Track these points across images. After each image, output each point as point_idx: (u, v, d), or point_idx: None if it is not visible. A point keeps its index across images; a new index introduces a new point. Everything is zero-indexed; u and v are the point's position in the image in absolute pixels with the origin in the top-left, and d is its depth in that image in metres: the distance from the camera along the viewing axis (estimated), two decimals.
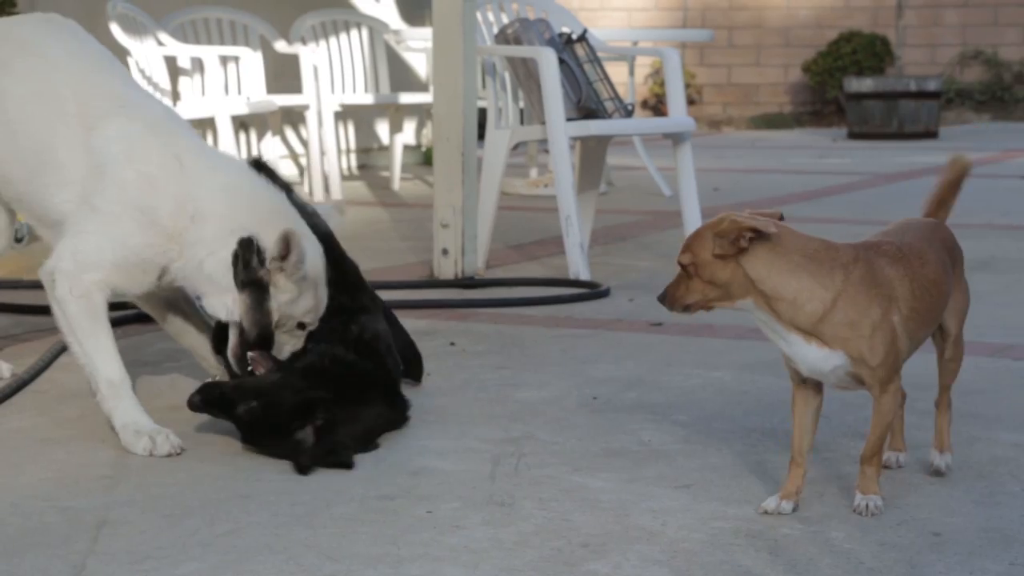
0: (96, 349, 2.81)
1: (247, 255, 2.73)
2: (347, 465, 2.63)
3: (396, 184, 8.19)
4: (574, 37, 5.22)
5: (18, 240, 5.64)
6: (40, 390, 3.26)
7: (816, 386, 2.43)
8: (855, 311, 2.30)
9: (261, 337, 2.78)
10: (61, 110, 2.86)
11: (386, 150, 9.01)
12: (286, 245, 2.69)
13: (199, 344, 3.14)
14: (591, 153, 5.34)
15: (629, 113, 5.23)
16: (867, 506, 2.36)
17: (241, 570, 2.12)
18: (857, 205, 7.35)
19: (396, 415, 2.92)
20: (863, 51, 13.93)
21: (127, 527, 2.32)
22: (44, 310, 4.13)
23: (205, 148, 2.91)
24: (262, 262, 2.72)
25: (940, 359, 2.60)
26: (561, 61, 4.98)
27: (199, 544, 2.24)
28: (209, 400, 2.74)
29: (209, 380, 2.82)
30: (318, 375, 2.78)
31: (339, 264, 3.02)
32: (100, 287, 2.81)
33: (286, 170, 8.68)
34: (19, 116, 2.89)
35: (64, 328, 2.85)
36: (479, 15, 5.16)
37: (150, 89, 2.87)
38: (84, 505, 2.43)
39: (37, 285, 4.58)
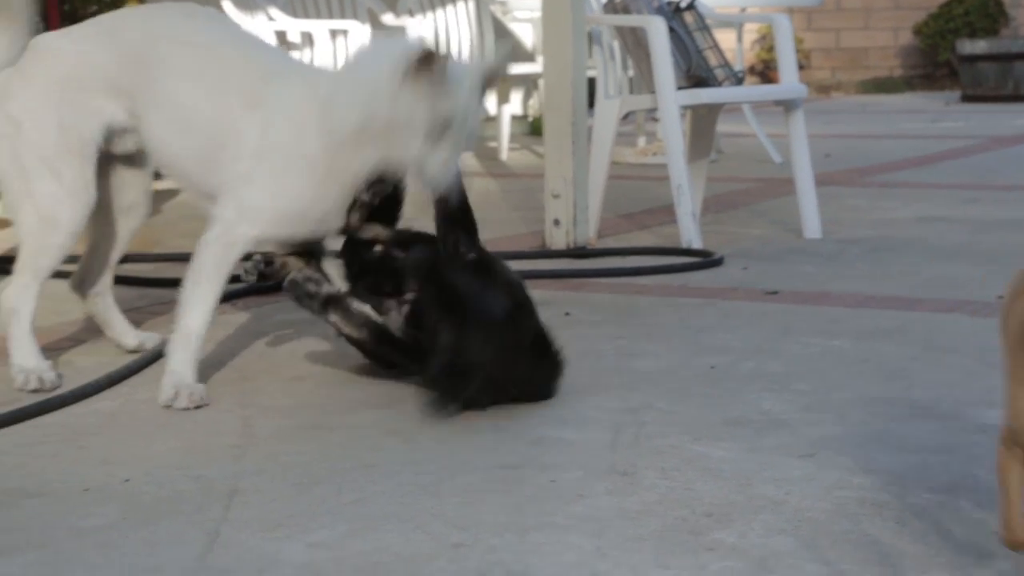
0: (198, 296, 2.95)
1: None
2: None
3: (504, 154, 8.21)
4: (682, 5, 5.19)
5: None
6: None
7: None
8: None
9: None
10: (226, 99, 2.97)
11: (493, 121, 9.03)
12: None
13: None
14: (701, 121, 5.31)
15: (740, 81, 5.19)
16: None
17: (370, 538, 2.16)
18: (974, 170, 7.23)
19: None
20: (975, 12, 13.67)
21: (257, 495, 2.36)
22: (166, 283, 4.23)
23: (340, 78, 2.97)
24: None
25: None
26: (670, 29, 4.95)
27: (328, 512, 2.28)
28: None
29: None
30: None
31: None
32: (247, 242, 2.96)
33: None
34: (189, 114, 3.01)
35: (190, 266, 2.98)
36: None
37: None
38: (215, 474, 2.48)
39: (161, 258, 4.71)
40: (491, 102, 9.42)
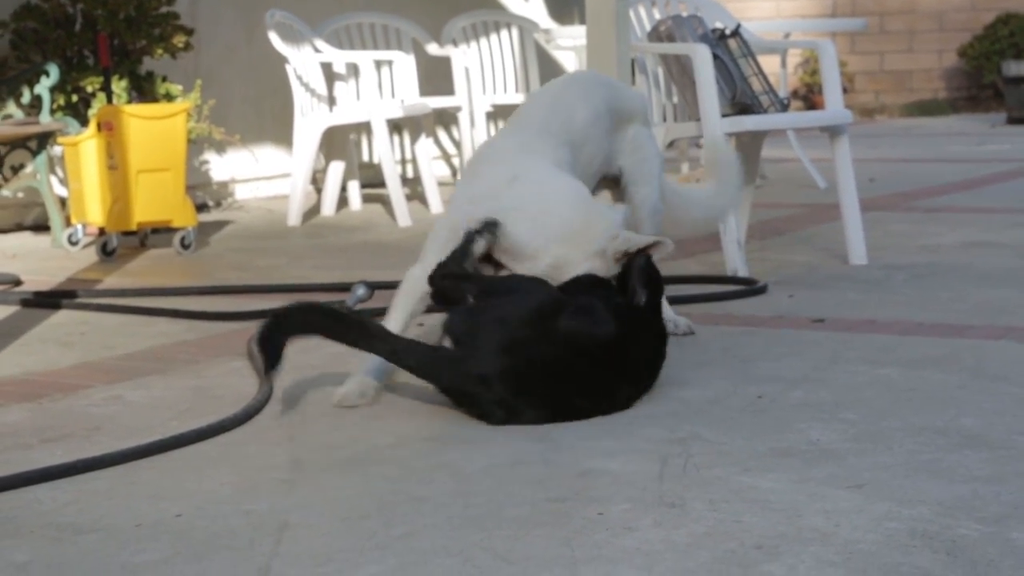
0: None
1: None
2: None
3: None
4: (727, 32, 5.20)
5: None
6: (216, 395, 3.36)
7: None
8: None
9: None
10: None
11: None
12: None
13: None
14: (746, 148, 5.30)
15: (784, 107, 5.19)
16: None
17: (420, 572, 2.17)
18: (1020, 193, 7.19)
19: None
20: (1021, 33, 13.59)
21: (307, 530, 2.38)
22: (215, 316, 4.26)
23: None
24: None
25: None
26: (715, 57, 4.96)
27: (377, 547, 2.29)
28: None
29: None
30: None
31: None
32: None
33: (439, 171, 8.77)
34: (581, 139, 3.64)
35: None
36: (631, 13, 5.16)
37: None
38: (265, 508, 2.50)
39: (208, 291, 4.74)
40: None
